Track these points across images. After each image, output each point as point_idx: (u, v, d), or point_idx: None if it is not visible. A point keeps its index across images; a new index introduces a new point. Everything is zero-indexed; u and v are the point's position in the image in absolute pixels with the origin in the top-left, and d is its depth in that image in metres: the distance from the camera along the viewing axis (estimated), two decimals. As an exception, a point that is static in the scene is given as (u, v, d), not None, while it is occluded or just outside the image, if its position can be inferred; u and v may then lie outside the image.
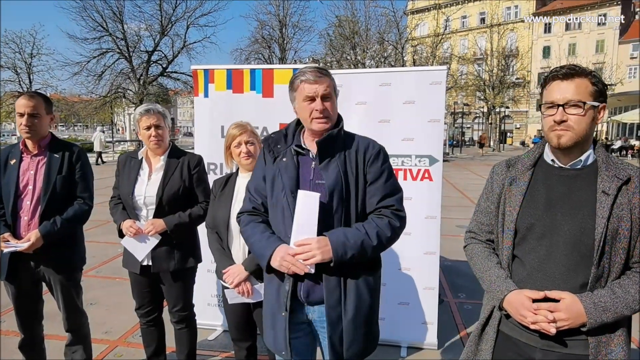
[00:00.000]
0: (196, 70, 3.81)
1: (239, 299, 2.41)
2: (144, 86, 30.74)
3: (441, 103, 3.47)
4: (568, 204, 1.55)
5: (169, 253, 2.70)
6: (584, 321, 1.46)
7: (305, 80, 1.85)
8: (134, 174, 2.73)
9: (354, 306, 1.84)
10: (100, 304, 4.54)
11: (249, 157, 2.45)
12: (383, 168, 1.90)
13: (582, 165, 1.59)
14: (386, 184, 1.89)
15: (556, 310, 1.48)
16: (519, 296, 1.55)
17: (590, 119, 1.53)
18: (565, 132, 1.53)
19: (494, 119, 41.16)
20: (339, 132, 1.91)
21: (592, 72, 1.55)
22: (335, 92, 1.93)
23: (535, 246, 1.59)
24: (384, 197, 1.87)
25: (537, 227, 1.59)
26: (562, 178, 1.60)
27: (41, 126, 2.65)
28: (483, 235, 1.82)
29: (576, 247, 1.51)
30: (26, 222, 2.63)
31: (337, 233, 1.79)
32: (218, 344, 3.76)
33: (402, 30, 31.24)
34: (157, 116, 2.65)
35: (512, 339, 1.65)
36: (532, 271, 1.59)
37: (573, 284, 1.51)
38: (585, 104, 1.50)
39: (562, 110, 1.52)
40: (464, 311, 4.46)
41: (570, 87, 1.52)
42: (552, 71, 1.60)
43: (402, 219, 1.90)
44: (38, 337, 2.93)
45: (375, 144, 1.95)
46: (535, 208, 1.61)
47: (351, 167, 1.86)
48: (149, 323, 2.91)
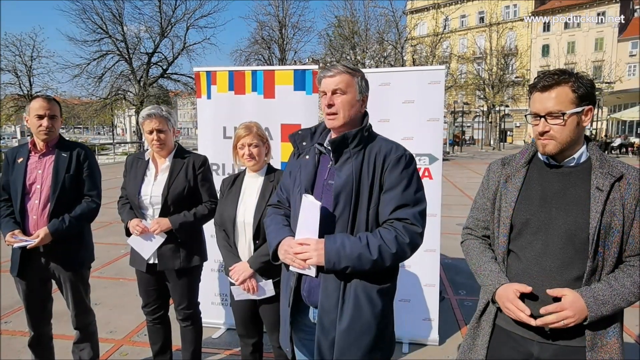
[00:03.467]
0: (199, 72, 3.87)
1: (244, 295, 2.46)
2: (144, 88, 30.80)
3: (440, 102, 3.53)
4: (563, 200, 1.60)
5: (174, 251, 2.74)
6: (587, 315, 1.50)
7: (323, 75, 1.81)
8: (141, 174, 2.78)
9: (349, 315, 1.72)
10: (104, 304, 4.59)
11: (251, 160, 2.50)
12: (403, 176, 1.73)
13: (575, 162, 1.63)
14: (404, 193, 1.72)
15: (562, 309, 1.51)
16: (508, 290, 1.61)
17: (574, 125, 1.57)
18: (549, 141, 1.59)
19: (494, 118, 41.21)
20: (358, 132, 1.79)
21: (573, 77, 1.57)
22: (357, 89, 1.81)
23: (531, 241, 1.63)
24: (398, 208, 1.71)
25: (533, 222, 1.63)
26: (557, 175, 1.65)
27: (57, 127, 2.77)
28: (479, 231, 1.87)
29: (571, 241, 1.56)
30: (35, 220, 2.68)
31: (335, 239, 1.70)
32: (222, 342, 3.80)
33: (402, 30, 31.28)
34: (159, 120, 2.69)
35: (509, 332, 1.68)
36: (529, 265, 1.63)
37: (568, 278, 1.56)
38: (565, 114, 1.55)
39: (544, 121, 1.58)
40: (465, 308, 4.51)
41: (550, 98, 1.57)
42: (533, 82, 1.64)
43: (415, 235, 1.70)
44: (47, 335, 2.98)
45: (399, 149, 1.80)
46: (531, 204, 1.65)
47: (368, 171, 1.74)
48: (155, 321, 2.95)
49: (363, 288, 1.73)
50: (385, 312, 1.79)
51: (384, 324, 1.79)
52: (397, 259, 1.70)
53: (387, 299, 1.80)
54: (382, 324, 1.78)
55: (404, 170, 1.74)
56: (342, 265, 1.66)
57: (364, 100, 1.86)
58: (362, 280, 1.73)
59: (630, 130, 35.37)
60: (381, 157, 1.75)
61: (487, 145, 41.54)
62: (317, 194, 1.82)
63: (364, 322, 1.73)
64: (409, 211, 1.71)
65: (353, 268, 1.67)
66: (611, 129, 38.19)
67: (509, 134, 48.92)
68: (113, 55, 31.17)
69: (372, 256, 1.65)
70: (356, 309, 1.72)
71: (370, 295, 1.74)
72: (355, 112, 1.83)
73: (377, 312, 1.75)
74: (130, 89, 32.18)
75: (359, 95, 1.82)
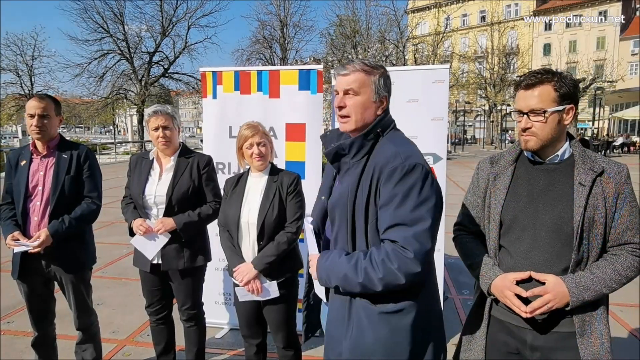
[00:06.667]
0: (205, 73, 3.89)
1: (248, 296, 2.45)
2: (146, 87, 30.80)
3: (444, 101, 3.52)
4: (548, 196, 1.67)
5: (178, 251, 2.73)
6: (568, 300, 1.58)
7: (337, 72, 1.68)
8: (145, 174, 2.77)
9: (353, 337, 1.58)
10: (107, 304, 4.58)
11: (260, 159, 2.49)
12: (396, 191, 1.49)
13: (559, 159, 1.70)
14: (397, 211, 1.48)
15: (545, 292, 1.59)
16: (504, 280, 1.67)
17: (555, 123, 1.64)
18: (531, 137, 1.66)
19: (496, 117, 41.17)
20: (355, 140, 1.62)
21: (556, 77, 1.63)
22: (373, 89, 1.65)
23: (520, 236, 1.70)
24: (390, 227, 1.49)
25: (521, 218, 1.70)
26: (542, 172, 1.71)
27: (51, 127, 2.71)
28: (471, 227, 1.92)
29: (557, 235, 1.63)
30: (36, 222, 2.67)
31: (327, 257, 1.61)
32: (225, 343, 3.79)
33: (403, 29, 31.30)
34: (165, 117, 2.69)
35: (504, 322, 1.75)
36: (519, 259, 1.69)
37: (556, 270, 1.63)
38: (546, 112, 1.62)
39: (526, 117, 1.66)
40: (468, 307, 4.46)
41: (532, 96, 1.64)
42: (518, 80, 1.71)
43: (404, 261, 1.44)
44: (50, 335, 2.98)
45: (397, 158, 1.53)
46: (518, 201, 1.72)
47: (366, 184, 1.56)
48: (159, 321, 2.94)
49: (364, 309, 1.57)
50: (398, 336, 1.55)
51: (398, 349, 1.55)
52: (388, 284, 1.47)
53: (401, 321, 1.55)
54: (396, 348, 1.55)
55: (398, 184, 1.49)
56: (333, 283, 1.58)
57: (382, 101, 1.67)
58: (365, 299, 1.56)
59: (632, 129, 35.36)
60: (378, 169, 1.54)
61: (489, 144, 41.49)
62: None
63: (366, 347, 1.56)
64: (401, 232, 1.46)
65: (344, 288, 1.56)
66: (613, 128, 38.15)
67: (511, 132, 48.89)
68: (114, 55, 31.20)
69: (358, 279, 1.49)
70: (358, 331, 1.57)
71: (371, 318, 1.55)
72: (370, 114, 1.65)
73: (382, 336, 1.55)
74: (131, 88, 32.19)
75: (374, 96, 1.65)
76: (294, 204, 2.49)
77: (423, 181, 1.51)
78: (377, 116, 1.67)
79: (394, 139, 1.65)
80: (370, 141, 1.63)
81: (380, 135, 1.66)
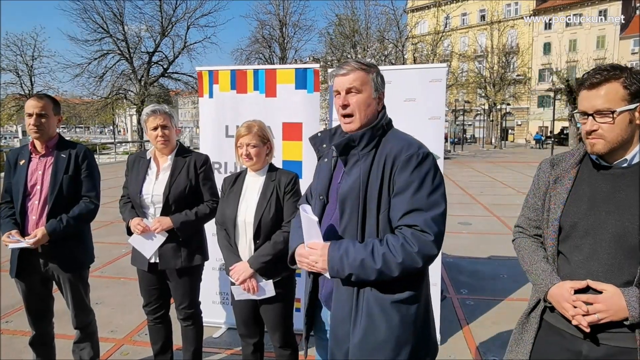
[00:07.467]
0: (201, 72, 3.89)
1: (244, 295, 2.45)
2: (145, 87, 30.85)
3: (442, 100, 3.52)
4: (612, 203, 1.53)
5: (176, 251, 2.74)
6: (626, 315, 1.44)
7: (336, 73, 1.72)
8: (142, 173, 2.78)
9: (363, 328, 1.60)
10: (105, 304, 4.58)
11: (248, 160, 2.49)
12: (413, 177, 1.56)
13: (627, 164, 1.56)
14: (414, 196, 1.55)
15: (595, 301, 1.47)
16: (561, 289, 1.57)
17: (625, 124, 1.49)
18: (598, 140, 1.52)
19: (495, 116, 41.17)
20: (366, 132, 1.68)
21: (626, 73, 1.49)
22: (373, 86, 1.71)
23: (579, 244, 1.58)
24: (408, 213, 1.55)
25: (581, 225, 1.58)
26: (607, 176, 1.58)
27: (49, 126, 2.72)
28: (531, 230, 1.82)
29: (620, 245, 1.49)
30: (34, 221, 2.68)
31: (340, 245, 1.60)
32: (223, 342, 3.80)
33: (403, 28, 31.27)
34: (163, 116, 2.70)
35: (558, 329, 1.64)
36: (576, 268, 1.58)
37: (616, 282, 1.49)
38: (615, 112, 1.47)
39: (592, 119, 1.51)
40: (466, 307, 4.49)
41: (598, 96, 1.50)
42: (581, 79, 1.57)
43: (425, 244, 1.52)
44: (48, 334, 2.98)
45: (412, 147, 1.62)
46: (579, 206, 1.60)
47: (377, 174, 1.61)
48: (156, 320, 2.94)
49: (375, 298, 1.60)
50: (406, 325, 1.61)
51: (404, 337, 1.62)
52: (405, 269, 1.52)
53: (408, 310, 1.62)
54: (403, 337, 1.61)
55: (414, 171, 1.56)
56: (346, 272, 1.56)
57: (380, 97, 1.75)
58: (375, 289, 1.60)
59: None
60: (391, 158, 1.60)
61: (489, 143, 41.48)
62: (331, 199, 1.77)
63: (378, 336, 1.60)
64: (420, 216, 1.53)
65: (357, 277, 1.56)
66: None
67: (511, 132, 48.89)
68: (114, 55, 31.26)
69: (376, 265, 1.52)
70: (369, 321, 1.60)
71: (383, 306, 1.60)
72: (372, 111, 1.72)
73: (394, 325, 1.60)
74: (131, 88, 32.25)
75: (374, 93, 1.72)
76: (292, 203, 2.49)
77: (435, 169, 1.62)
78: (378, 112, 1.76)
79: (398, 132, 1.76)
80: (379, 133, 1.70)
81: (385, 129, 1.74)
